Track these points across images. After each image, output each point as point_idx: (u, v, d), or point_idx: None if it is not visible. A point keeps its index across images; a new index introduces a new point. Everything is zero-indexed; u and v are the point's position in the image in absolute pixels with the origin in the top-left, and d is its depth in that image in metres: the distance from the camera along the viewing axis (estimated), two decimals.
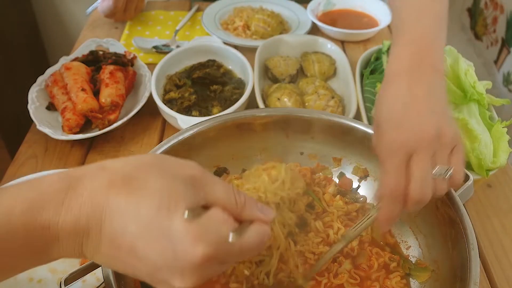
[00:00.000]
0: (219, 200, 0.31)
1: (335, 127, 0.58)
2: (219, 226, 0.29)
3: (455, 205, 0.47)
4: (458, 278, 0.44)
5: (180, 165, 0.32)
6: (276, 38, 0.89)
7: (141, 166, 0.31)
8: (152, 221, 0.28)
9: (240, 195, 0.33)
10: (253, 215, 0.33)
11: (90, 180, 0.29)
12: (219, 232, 0.29)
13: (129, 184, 0.29)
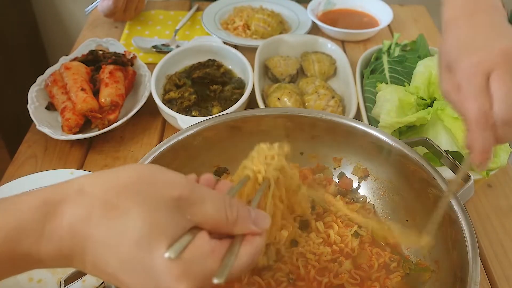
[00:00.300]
0: (208, 220, 0.30)
1: (335, 127, 0.58)
2: (203, 261, 0.28)
3: (455, 205, 0.47)
4: (458, 278, 0.44)
5: (166, 185, 0.29)
6: (276, 38, 0.89)
7: (123, 191, 0.28)
8: (133, 257, 0.27)
9: (233, 209, 0.31)
10: (246, 230, 0.32)
11: (69, 209, 0.28)
12: (204, 268, 0.28)
13: (110, 214, 0.28)
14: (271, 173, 0.42)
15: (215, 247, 0.29)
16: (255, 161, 0.42)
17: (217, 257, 0.29)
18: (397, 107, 0.65)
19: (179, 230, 0.28)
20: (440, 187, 0.49)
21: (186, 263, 0.27)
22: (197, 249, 0.28)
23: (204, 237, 0.29)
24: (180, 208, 0.29)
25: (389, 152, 0.55)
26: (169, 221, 0.28)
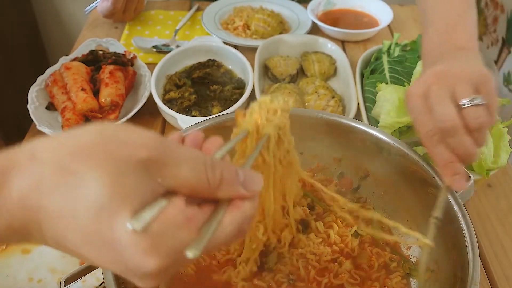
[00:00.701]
0: (184, 184, 0.26)
1: (335, 127, 0.58)
2: (176, 232, 0.24)
3: (455, 205, 0.47)
4: (458, 278, 0.44)
5: (132, 145, 0.25)
6: (276, 38, 0.89)
7: (81, 154, 0.24)
8: (93, 229, 0.23)
9: (215, 170, 0.27)
10: (233, 193, 0.27)
11: (18, 178, 0.24)
12: (177, 241, 0.24)
13: (64, 181, 0.23)
14: (272, 130, 0.37)
15: (192, 215, 0.25)
16: (255, 115, 0.37)
17: (193, 227, 0.25)
18: (397, 107, 0.65)
19: (148, 195, 0.24)
20: (440, 187, 0.49)
21: (155, 236, 0.23)
22: (169, 218, 0.24)
23: (178, 204, 0.25)
24: (149, 171, 0.25)
25: (389, 152, 0.55)
26: (134, 185, 0.24)
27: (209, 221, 0.26)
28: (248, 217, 0.28)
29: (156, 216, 0.24)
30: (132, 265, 0.24)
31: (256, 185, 0.29)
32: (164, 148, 0.26)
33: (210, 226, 0.25)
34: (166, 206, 0.24)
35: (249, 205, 0.28)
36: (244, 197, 0.28)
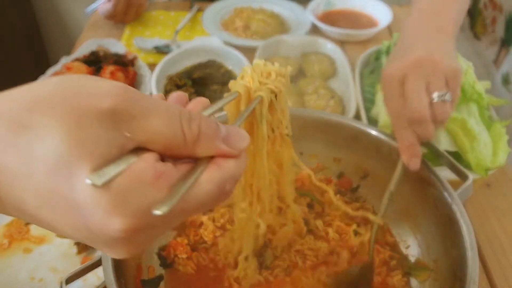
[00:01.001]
0: (157, 137, 0.23)
1: (335, 127, 0.58)
2: (143, 190, 0.21)
3: (454, 204, 0.47)
4: (457, 278, 0.44)
5: (95, 95, 0.22)
6: (276, 38, 0.89)
7: (37, 106, 0.21)
8: (50, 187, 0.21)
9: (192, 123, 0.24)
10: (213, 150, 0.24)
11: None
12: (142, 200, 0.21)
13: (18, 138, 0.21)
14: (265, 93, 0.34)
15: (164, 172, 0.22)
16: (247, 77, 0.34)
17: (164, 184, 0.22)
18: None
19: (113, 150, 0.21)
20: (439, 186, 0.49)
21: (119, 193, 0.21)
22: (136, 173, 0.21)
23: (147, 158, 0.22)
24: (116, 124, 0.22)
25: (388, 152, 0.55)
26: (96, 138, 0.21)
27: (184, 179, 0.23)
28: (232, 176, 0.25)
29: (121, 172, 0.21)
30: (95, 227, 0.21)
31: (241, 142, 0.25)
32: (132, 97, 0.23)
33: (184, 183, 0.22)
34: (134, 161, 0.22)
35: (233, 164, 0.25)
36: (227, 155, 0.25)
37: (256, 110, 0.35)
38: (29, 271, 0.53)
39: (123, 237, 0.22)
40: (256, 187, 0.42)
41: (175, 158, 0.24)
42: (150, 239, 0.24)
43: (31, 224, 0.58)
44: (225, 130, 0.25)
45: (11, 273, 0.53)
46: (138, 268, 0.50)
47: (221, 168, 0.24)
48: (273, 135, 0.39)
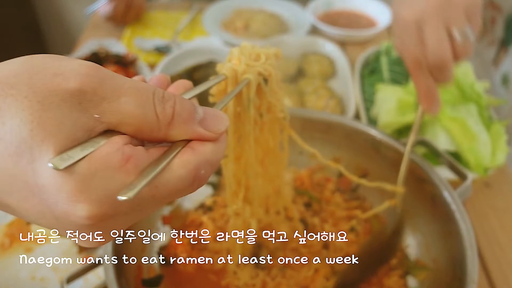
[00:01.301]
0: (128, 119, 0.21)
1: (334, 127, 0.58)
2: (110, 174, 0.20)
3: (453, 204, 0.47)
4: (456, 277, 0.45)
5: (61, 75, 0.21)
6: (276, 38, 0.90)
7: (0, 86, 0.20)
8: (13, 173, 0.20)
9: (166, 103, 0.22)
10: (189, 133, 0.23)
11: None
12: (109, 185, 0.20)
13: None
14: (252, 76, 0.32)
15: (132, 155, 0.21)
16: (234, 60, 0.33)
17: (132, 169, 0.21)
18: (396, 107, 0.65)
19: (80, 133, 0.20)
20: (439, 186, 0.50)
21: (83, 177, 0.20)
22: (102, 157, 0.20)
23: (114, 141, 0.21)
24: (83, 105, 0.21)
25: (388, 151, 0.55)
26: (61, 120, 0.20)
27: (155, 164, 0.21)
28: (208, 161, 0.23)
29: (87, 155, 0.20)
30: (60, 214, 0.20)
31: (220, 124, 0.24)
32: (102, 77, 0.21)
33: (153, 169, 0.21)
34: (100, 145, 0.21)
35: (209, 148, 0.23)
36: (203, 138, 0.23)
37: (243, 94, 0.34)
38: (30, 270, 0.53)
39: (90, 224, 0.21)
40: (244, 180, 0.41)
41: (149, 141, 0.23)
42: (121, 226, 0.22)
43: (32, 224, 0.58)
44: (202, 112, 0.24)
45: (12, 272, 0.53)
46: (139, 267, 0.50)
47: (196, 152, 0.23)
48: (261, 120, 0.37)
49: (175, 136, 0.23)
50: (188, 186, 0.23)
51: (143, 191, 0.20)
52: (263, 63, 0.34)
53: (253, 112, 0.36)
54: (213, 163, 0.24)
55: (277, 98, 0.37)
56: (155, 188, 0.21)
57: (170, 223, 0.56)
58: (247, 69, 0.33)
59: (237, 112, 0.36)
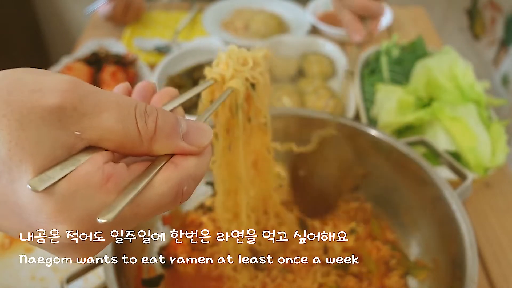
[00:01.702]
0: (109, 135, 0.21)
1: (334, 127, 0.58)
2: (88, 195, 0.20)
3: (453, 204, 0.47)
4: (456, 277, 0.45)
5: (40, 90, 0.20)
6: (276, 38, 0.90)
7: None
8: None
9: (148, 118, 0.22)
10: (172, 148, 0.23)
11: None
12: (89, 205, 0.20)
13: None
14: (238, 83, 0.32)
15: (113, 174, 0.21)
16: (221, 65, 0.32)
17: (113, 188, 0.21)
18: (396, 108, 0.65)
19: (58, 150, 0.20)
20: (439, 186, 0.50)
21: (63, 198, 0.20)
22: (82, 177, 0.20)
23: (95, 160, 0.21)
24: (63, 122, 0.20)
25: (388, 152, 0.55)
26: (39, 139, 0.19)
27: (137, 181, 0.21)
28: (191, 176, 0.23)
29: (66, 175, 0.20)
30: (40, 233, 0.20)
31: (203, 138, 0.23)
32: (82, 93, 0.21)
33: (134, 187, 0.21)
34: (81, 164, 0.20)
35: (192, 162, 0.23)
36: (187, 153, 0.23)
37: (231, 100, 0.33)
38: (30, 270, 0.53)
39: (70, 244, 0.21)
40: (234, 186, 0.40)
41: (132, 155, 0.23)
42: (103, 243, 0.22)
43: None
44: (186, 125, 0.23)
45: (12, 272, 0.53)
46: (139, 267, 0.50)
47: (179, 168, 0.22)
48: (250, 125, 0.36)
49: (157, 151, 0.23)
50: (170, 203, 0.23)
51: (125, 210, 0.20)
52: (250, 68, 0.33)
53: (242, 117, 0.36)
54: (197, 177, 0.24)
55: (263, 104, 0.37)
56: (137, 207, 0.21)
57: (170, 223, 0.56)
58: (235, 73, 0.33)
59: (227, 118, 0.36)
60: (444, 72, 0.64)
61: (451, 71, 0.65)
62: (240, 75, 0.33)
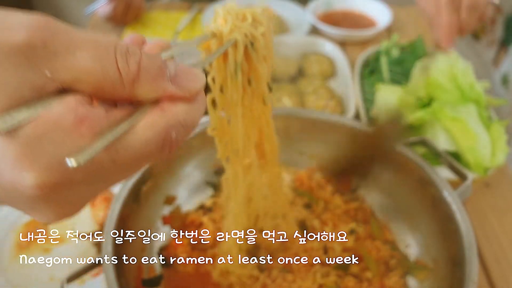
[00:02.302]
0: (84, 76, 0.19)
1: (334, 127, 0.58)
2: (59, 139, 0.18)
3: (453, 204, 0.47)
4: (456, 277, 0.45)
5: (6, 27, 0.18)
6: (276, 38, 0.90)
7: None
8: None
9: (131, 58, 0.19)
10: (158, 91, 0.20)
11: None
12: (58, 150, 0.18)
13: None
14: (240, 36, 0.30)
15: (87, 117, 0.18)
16: (219, 20, 0.31)
17: (87, 132, 0.18)
18: (396, 108, 0.65)
19: (26, 91, 0.18)
20: (439, 186, 0.50)
21: (30, 141, 0.18)
22: (51, 119, 0.18)
23: (67, 102, 0.18)
24: (31, 61, 0.18)
25: (388, 152, 0.55)
26: (6, 78, 0.18)
27: (115, 127, 0.19)
28: (180, 122, 0.20)
29: (35, 117, 0.18)
30: (7, 184, 0.18)
31: (194, 82, 0.21)
32: (54, 30, 0.19)
33: (112, 131, 0.19)
34: (50, 106, 0.18)
35: (182, 108, 0.20)
36: (175, 98, 0.20)
37: (230, 58, 0.31)
38: (49, 271, 0.53)
39: (40, 195, 0.18)
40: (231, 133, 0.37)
41: (113, 101, 0.20)
42: (80, 198, 0.20)
43: (49, 224, 0.58)
44: (174, 68, 0.21)
45: (31, 273, 0.53)
46: (139, 267, 0.50)
47: (166, 113, 0.20)
48: (250, 88, 0.34)
49: (142, 95, 0.20)
50: (156, 151, 0.20)
51: (101, 156, 0.18)
52: (249, 24, 0.31)
53: (241, 79, 0.33)
54: (187, 125, 0.21)
55: (264, 68, 0.34)
56: (116, 153, 0.19)
57: (170, 223, 0.56)
58: (234, 29, 0.31)
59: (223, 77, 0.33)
60: (444, 72, 0.64)
61: (451, 71, 0.65)
62: (239, 31, 0.31)
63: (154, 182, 0.53)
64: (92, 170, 0.19)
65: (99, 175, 0.19)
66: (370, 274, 0.51)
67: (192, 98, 0.21)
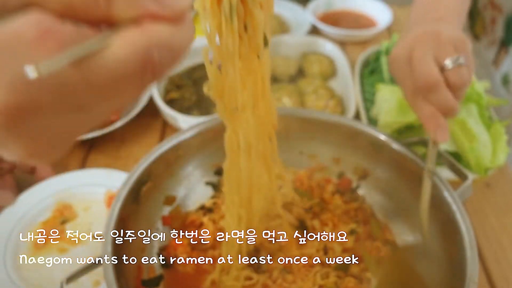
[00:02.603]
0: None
1: (334, 127, 0.58)
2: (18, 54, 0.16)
3: (454, 204, 0.47)
4: (457, 277, 0.45)
5: None
6: (276, 38, 0.89)
7: None
8: None
9: None
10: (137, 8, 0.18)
11: None
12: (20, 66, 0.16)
13: None
14: None
15: (53, 30, 0.16)
16: None
17: (53, 46, 0.16)
18: (396, 107, 0.65)
19: None
20: (439, 186, 0.50)
21: None
22: (11, 32, 0.16)
23: (30, 16, 0.16)
24: None
25: (388, 152, 0.55)
26: None
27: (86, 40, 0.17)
28: (162, 42, 0.18)
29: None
30: None
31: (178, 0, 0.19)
32: None
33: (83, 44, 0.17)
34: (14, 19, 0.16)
35: (166, 28, 0.18)
36: (158, 17, 0.18)
37: (224, 2, 0.29)
38: (64, 271, 0.52)
39: (4, 122, 0.17)
40: None
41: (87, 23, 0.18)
42: (55, 130, 0.18)
43: (66, 223, 0.58)
44: None
45: (46, 272, 0.53)
46: (139, 267, 0.50)
47: (147, 31, 0.18)
48: (247, 35, 0.32)
49: (119, 15, 0.18)
50: (136, 72, 0.18)
51: (70, 72, 0.16)
52: None
53: (237, 24, 0.30)
54: (173, 48, 0.19)
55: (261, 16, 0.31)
56: (88, 70, 0.17)
57: (170, 224, 0.56)
58: None
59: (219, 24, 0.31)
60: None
61: None
62: None
63: (154, 182, 0.53)
64: (62, 90, 0.17)
65: (71, 97, 0.17)
66: (370, 275, 0.51)
67: (177, 18, 0.19)
